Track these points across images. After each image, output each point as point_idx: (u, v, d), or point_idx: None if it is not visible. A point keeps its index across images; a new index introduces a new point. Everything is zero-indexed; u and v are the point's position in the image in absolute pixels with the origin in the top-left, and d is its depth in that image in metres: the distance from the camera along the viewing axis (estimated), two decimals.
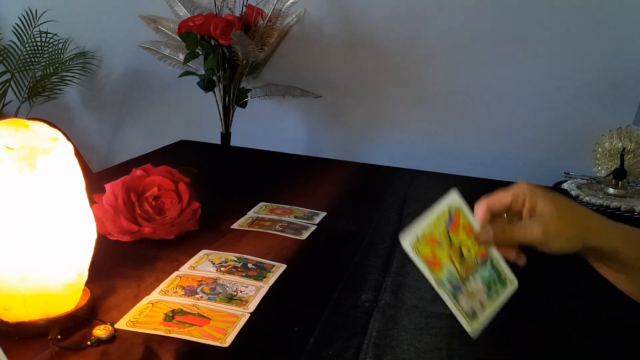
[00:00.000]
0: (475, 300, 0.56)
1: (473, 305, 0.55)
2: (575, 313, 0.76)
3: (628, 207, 1.47)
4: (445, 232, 0.54)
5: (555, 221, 0.52)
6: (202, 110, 2.32)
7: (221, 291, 0.74)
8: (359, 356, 0.62)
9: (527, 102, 1.99)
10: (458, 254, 0.55)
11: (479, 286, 0.56)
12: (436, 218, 0.54)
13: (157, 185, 0.92)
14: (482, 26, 1.97)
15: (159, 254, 0.85)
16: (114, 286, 0.74)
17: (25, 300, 0.61)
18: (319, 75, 2.21)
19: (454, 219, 0.55)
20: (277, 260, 0.85)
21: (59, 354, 0.59)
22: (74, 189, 0.63)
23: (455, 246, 0.55)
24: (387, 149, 2.20)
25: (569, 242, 0.52)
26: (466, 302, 0.55)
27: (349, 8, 2.10)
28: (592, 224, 0.54)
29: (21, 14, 2.33)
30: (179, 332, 0.64)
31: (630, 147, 1.65)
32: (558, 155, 1.98)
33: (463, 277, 0.55)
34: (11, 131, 0.59)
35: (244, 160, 1.56)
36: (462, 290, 0.55)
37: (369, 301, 0.75)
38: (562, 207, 0.54)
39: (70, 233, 0.63)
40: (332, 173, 1.39)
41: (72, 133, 2.50)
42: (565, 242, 0.52)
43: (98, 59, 2.51)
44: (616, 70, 1.88)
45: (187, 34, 1.92)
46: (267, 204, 1.12)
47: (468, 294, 0.55)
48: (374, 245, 0.94)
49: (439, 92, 2.09)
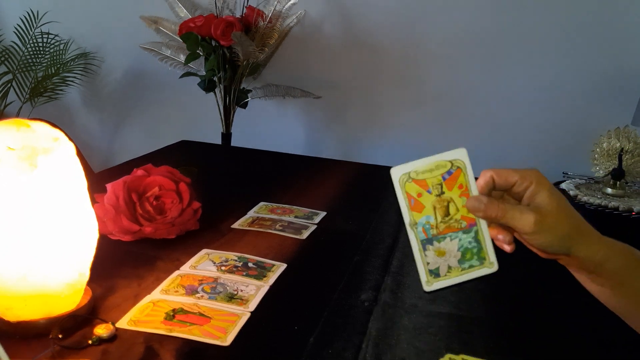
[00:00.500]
0: (444, 261, 0.53)
1: (439, 264, 0.53)
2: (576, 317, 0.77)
3: (626, 207, 1.48)
4: (439, 182, 0.53)
5: (552, 215, 0.51)
6: (202, 111, 2.32)
7: (222, 290, 0.74)
8: (358, 356, 0.62)
9: (525, 103, 2.00)
10: (444, 209, 0.53)
11: (453, 249, 0.54)
12: (434, 165, 0.53)
13: (158, 185, 0.93)
14: (482, 27, 1.97)
15: (160, 254, 0.85)
16: (115, 285, 0.75)
17: (27, 299, 0.61)
18: (319, 76, 2.21)
19: (454, 174, 0.53)
20: (277, 259, 0.86)
21: (60, 353, 0.59)
22: (75, 188, 0.64)
23: (443, 200, 0.53)
24: (387, 149, 2.20)
25: (558, 240, 0.51)
26: (433, 257, 0.53)
27: (349, 9, 2.10)
28: (585, 229, 0.53)
29: (23, 15, 2.34)
30: (180, 331, 0.64)
31: (628, 147, 1.66)
32: (556, 155, 1.98)
33: (440, 232, 0.53)
34: (12, 131, 0.59)
35: (244, 160, 1.57)
36: (434, 244, 0.53)
37: (369, 301, 0.75)
38: (562, 204, 0.52)
39: (72, 233, 0.63)
40: (332, 173, 1.39)
41: (74, 133, 2.50)
42: (555, 239, 0.51)
43: (99, 60, 2.51)
44: (615, 70, 1.88)
45: (188, 35, 1.92)
46: (267, 203, 1.12)
47: (438, 252, 0.53)
48: (374, 245, 0.95)
49: (439, 92, 2.09)
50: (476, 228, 0.54)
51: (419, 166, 0.52)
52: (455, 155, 0.54)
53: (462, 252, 0.54)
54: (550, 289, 0.83)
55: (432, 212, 0.53)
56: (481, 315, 0.72)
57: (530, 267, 0.82)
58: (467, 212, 0.54)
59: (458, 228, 0.54)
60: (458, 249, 0.54)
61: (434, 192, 0.53)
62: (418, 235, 0.53)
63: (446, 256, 0.53)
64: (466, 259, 0.54)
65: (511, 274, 0.82)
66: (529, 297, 0.81)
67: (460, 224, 0.54)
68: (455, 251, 0.54)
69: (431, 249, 0.53)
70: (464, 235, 0.54)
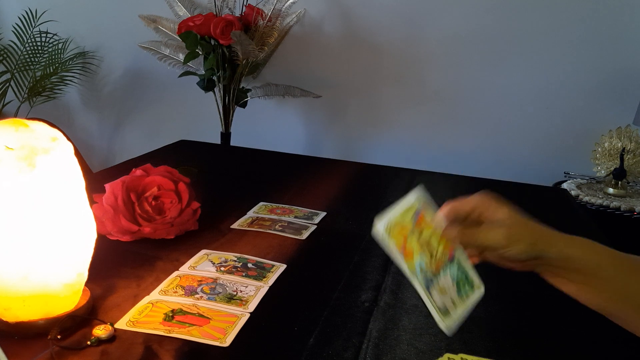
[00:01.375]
0: (447, 296, 0.55)
1: (445, 301, 0.55)
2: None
3: (628, 207, 1.47)
4: (412, 224, 0.55)
5: (517, 225, 0.55)
6: (202, 110, 2.32)
7: (221, 291, 0.74)
8: (358, 356, 0.62)
9: (527, 102, 2.00)
10: (428, 248, 0.55)
11: (449, 283, 0.56)
12: (405, 209, 0.55)
13: (157, 185, 0.92)
14: (482, 26, 1.97)
15: (159, 254, 0.85)
16: (114, 286, 0.74)
17: (25, 300, 0.61)
18: (318, 75, 2.21)
19: (421, 213, 0.56)
20: (277, 260, 0.85)
21: (58, 353, 0.59)
22: (73, 188, 0.63)
23: (424, 239, 0.55)
24: (387, 149, 2.20)
25: (529, 246, 0.54)
26: (439, 296, 0.54)
27: (349, 8, 2.10)
28: (547, 231, 0.56)
29: (21, 13, 2.33)
30: (179, 331, 0.64)
31: (630, 147, 1.65)
32: (558, 155, 1.98)
33: (434, 270, 0.55)
34: (11, 131, 0.59)
35: (244, 160, 1.56)
36: (434, 284, 0.54)
37: (369, 301, 0.75)
38: (521, 215, 0.57)
39: (70, 233, 0.63)
40: (332, 173, 1.39)
41: (72, 133, 2.50)
42: (526, 245, 0.54)
43: (98, 59, 2.51)
44: (616, 70, 1.88)
45: (187, 34, 1.92)
46: (267, 203, 1.12)
47: (440, 289, 0.55)
48: (374, 245, 0.94)
49: (439, 92, 2.09)
50: (456, 257, 0.57)
51: (395, 213, 0.54)
52: (415, 195, 0.56)
53: (456, 283, 0.56)
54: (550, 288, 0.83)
55: (421, 253, 0.55)
56: (481, 315, 0.72)
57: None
58: (445, 244, 0.56)
59: (444, 261, 0.56)
60: (452, 282, 0.56)
61: (415, 234, 0.55)
62: (421, 281, 0.54)
63: (447, 291, 0.55)
64: (461, 288, 0.57)
65: (511, 274, 0.82)
66: (529, 297, 0.80)
67: (445, 257, 0.56)
68: (451, 284, 0.56)
69: (434, 290, 0.55)
70: (452, 266, 0.56)
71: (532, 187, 1.38)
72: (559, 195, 1.37)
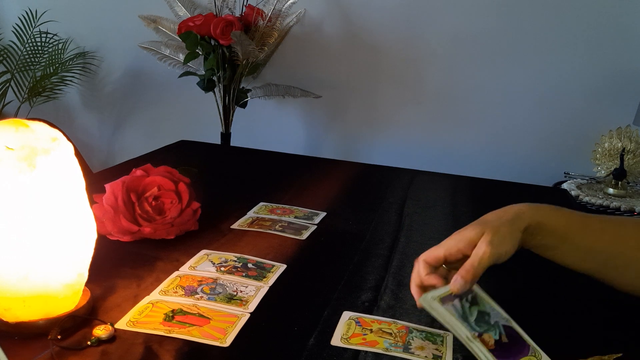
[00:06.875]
0: None
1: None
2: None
3: (628, 207, 1.47)
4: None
5: (488, 233, 0.59)
6: (202, 111, 2.32)
7: (221, 291, 0.74)
8: (358, 356, 0.62)
9: (526, 102, 2.00)
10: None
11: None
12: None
13: (157, 185, 0.92)
14: (482, 27, 1.97)
15: (159, 254, 0.85)
16: (114, 286, 0.74)
17: (26, 300, 0.61)
18: (319, 75, 2.21)
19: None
20: (277, 260, 0.85)
21: (59, 354, 0.59)
22: (74, 189, 0.63)
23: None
24: (387, 149, 2.20)
25: (511, 239, 0.59)
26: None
27: (349, 8, 2.10)
28: (514, 210, 0.62)
29: (21, 14, 2.34)
30: (179, 332, 0.64)
31: (630, 147, 1.65)
32: (558, 155, 1.98)
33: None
34: (11, 131, 0.59)
35: (244, 160, 1.56)
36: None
37: (369, 301, 0.75)
38: (482, 221, 0.61)
39: (71, 233, 0.63)
40: (332, 173, 1.39)
41: (72, 133, 2.50)
42: (509, 241, 0.59)
43: (98, 59, 2.51)
44: (616, 70, 1.88)
45: (187, 34, 1.92)
46: (267, 204, 1.12)
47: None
48: (374, 245, 0.94)
49: (439, 92, 2.09)
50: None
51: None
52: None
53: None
54: (550, 288, 0.83)
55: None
56: None
57: (531, 267, 0.82)
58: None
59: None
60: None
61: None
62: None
63: None
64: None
65: (511, 274, 0.82)
66: (529, 297, 0.80)
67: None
68: None
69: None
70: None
71: (532, 187, 1.38)
72: (559, 196, 1.37)
